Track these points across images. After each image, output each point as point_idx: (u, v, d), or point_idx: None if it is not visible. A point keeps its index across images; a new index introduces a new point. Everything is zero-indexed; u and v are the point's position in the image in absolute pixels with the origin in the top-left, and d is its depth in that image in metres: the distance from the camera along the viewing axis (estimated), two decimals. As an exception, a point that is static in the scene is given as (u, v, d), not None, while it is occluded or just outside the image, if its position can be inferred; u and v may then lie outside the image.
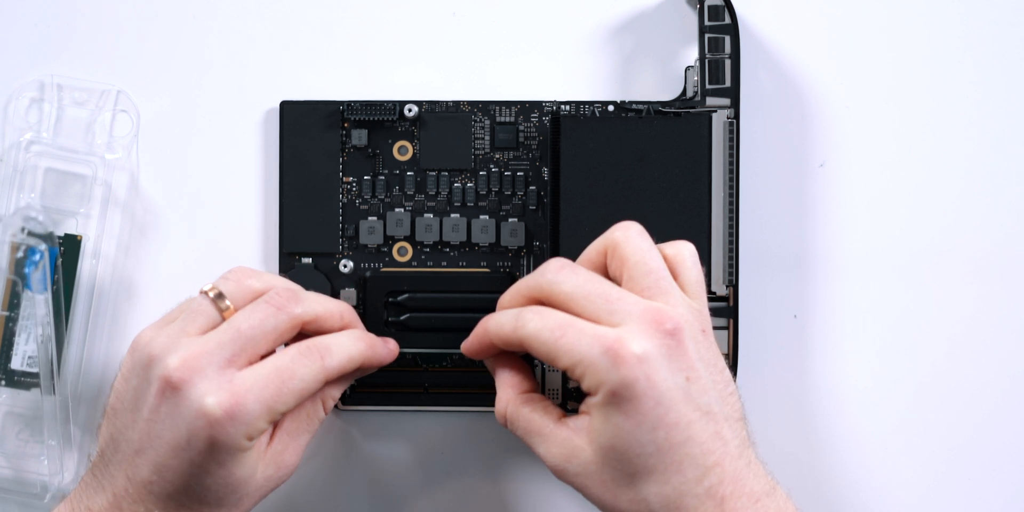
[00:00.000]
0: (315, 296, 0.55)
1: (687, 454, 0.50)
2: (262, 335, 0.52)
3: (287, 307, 0.53)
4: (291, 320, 0.53)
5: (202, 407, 0.50)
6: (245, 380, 0.51)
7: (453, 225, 0.61)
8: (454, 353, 0.60)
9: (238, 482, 0.52)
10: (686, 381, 0.50)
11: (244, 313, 0.53)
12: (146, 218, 0.63)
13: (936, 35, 0.62)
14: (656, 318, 0.50)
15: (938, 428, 0.62)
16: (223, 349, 0.51)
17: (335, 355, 0.53)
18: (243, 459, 0.52)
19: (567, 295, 0.52)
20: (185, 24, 0.63)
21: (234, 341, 0.52)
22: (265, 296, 0.53)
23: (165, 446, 0.51)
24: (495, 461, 0.63)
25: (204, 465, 0.51)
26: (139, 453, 0.51)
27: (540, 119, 0.62)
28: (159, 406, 0.51)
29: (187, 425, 0.50)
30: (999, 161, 0.62)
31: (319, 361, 0.53)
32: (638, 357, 0.50)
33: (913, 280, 0.62)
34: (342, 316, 0.55)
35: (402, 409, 0.62)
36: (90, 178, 0.62)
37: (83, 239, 0.62)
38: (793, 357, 0.62)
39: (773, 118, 0.62)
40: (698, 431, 0.50)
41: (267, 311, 0.53)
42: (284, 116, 0.62)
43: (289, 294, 0.54)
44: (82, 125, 0.62)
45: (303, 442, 0.55)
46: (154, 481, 0.51)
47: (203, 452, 0.50)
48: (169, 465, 0.51)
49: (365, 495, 0.63)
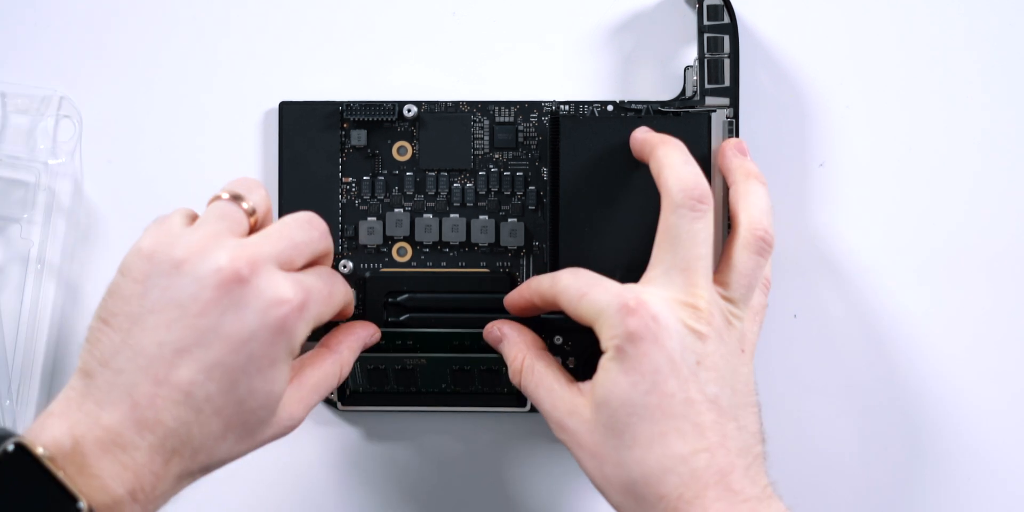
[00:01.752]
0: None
1: (677, 428, 0.50)
2: (309, 252, 0.52)
3: (327, 235, 0.53)
4: (327, 246, 0.53)
5: (278, 295, 0.48)
6: (307, 279, 0.51)
7: (452, 225, 0.61)
8: (453, 354, 0.60)
9: (275, 397, 0.49)
10: (696, 364, 0.50)
11: (293, 226, 0.52)
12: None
13: (936, 34, 0.62)
14: (691, 302, 0.52)
15: (939, 428, 0.62)
16: (280, 252, 0.50)
17: (346, 284, 0.54)
18: (286, 369, 0.50)
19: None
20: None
21: (290, 248, 0.51)
22: (305, 217, 0.52)
23: (224, 341, 0.48)
24: (495, 461, 0.63)
25: (259, 362, 0.48)
26: (182, 353, 0.48)
27: (539, 119, 0.62)
28: (219, 299, 0.48)
29: (258, 314, 0.48)
30: (1000, 160, 0.62)
31: (344, 286, 0.54)
32: (652, 315, 0.50)
33: (913, 280, 0.62)
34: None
35: (402, 409, 0.62)
36: (33, 184, 0.62)
37: (28, 245, 0.62)
38: (793, 357, 0.62)
39: (773, 118, 0.62)
40: (696, 412, 0.50)
41: (312, 233, 0.52)
42: (283, 117, 0.62)
43: (322, 222, 0.53)
44: (24, 131, 0.62)
45: (312, 405, 0.53)
46: (197, 382, 0.47)
47: (267, 344, 0.48)
48: (223, 362, 0.48)
49: (365, 495, 0.63)
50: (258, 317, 0.48)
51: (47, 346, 0.62)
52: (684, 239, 0.52)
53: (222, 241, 0.49)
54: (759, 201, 0.55)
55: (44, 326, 0.62)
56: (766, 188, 0.56)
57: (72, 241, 0.63)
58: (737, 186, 0.56)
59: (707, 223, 0.52)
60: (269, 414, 0.50)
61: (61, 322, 0.63)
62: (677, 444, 0.49)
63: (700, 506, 0.49)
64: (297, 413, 0.52)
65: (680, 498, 0.49)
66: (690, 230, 0.52)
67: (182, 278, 0.48)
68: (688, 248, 0.52)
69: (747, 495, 0.50)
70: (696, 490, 0.49)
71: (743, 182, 0.56)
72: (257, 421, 0.50)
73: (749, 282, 0.54)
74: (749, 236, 0.54)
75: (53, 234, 0.62)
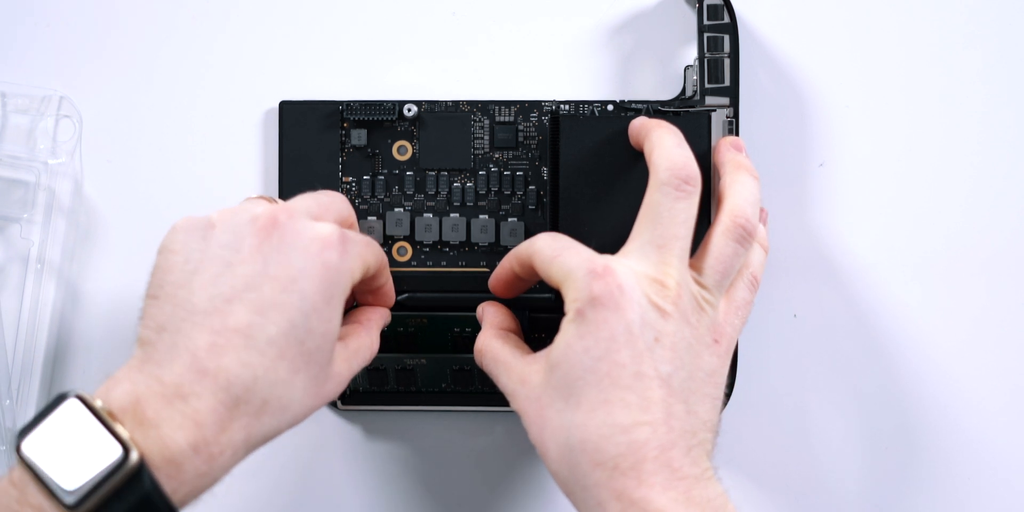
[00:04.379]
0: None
1: (622, 398, 0.49)
2: (336, 210, 0.53)
3: (348, 204, 0.55)
4: (351, 212, 0.55)
5: (318, 233, 0.49)
6: (341, 226, 0.52)
7: (452, 225, 0.61)
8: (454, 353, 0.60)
9: (332, 337, 0.49)
10: (654, 340, 0.50)
11: (315, 192, 0.53)
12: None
13: (936, 34, 0.62)
14: (659, 279, 0.51)
15: (939, 427, 0.62)
16: (308, 207, 0.51)
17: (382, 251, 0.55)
18: (340, 310, 0.50)
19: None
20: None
21: (316, 205, 0.52)
22: (326, 191, 0.55)
23: (272, 282, 0.48)
24: (495, 461, 0.63)
25: (313, 300, 0.48)
26: (234, 300, 0.47)
27: (539, 119, 0.62)
28: (260, 245, 0.48)
29: (302, 252, 0.49)
30: (999, 160, 0.62)
31: (378, 244, 0.54)
32: (618, 284, 0.50)
33: (913, 279, 0.62)
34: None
35: (402, 409, 0.62)
36: (33, 184, 0.62)
37: (28, 245, 0.62)
38: (793, 357, 0.62)
39: (772, 117, 0.62)
40: (644, 386, 0.49)
41: (335, 197, 0.54)
42: (283, 116, 0.62)
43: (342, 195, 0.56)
44: (24, 131, 0.62)
45: (356, 367, 0.53)
46: (255, 323, 0.47)
47: (316, 281, 0.48)
48: (277, 302, 0.48)
49: (365, 495, 0.63)
50: (302, 255, 0.49)
51: (47, 346, 0.62)
52: (664, 217, 0.52)
53: (251, 204, 0.51)
54: (744, 190, 0.55)
55: (44, 326, 0.62)
56: (756, 181, 0.56)
57: (72, 241, 0.63)
58: (726, 177, 0.56)
59: (690, 204, 0.52)
60: (328, 359, 0.49)
61: (61, 322, 0.63)
62: (620, 414, 0.49)
63: (635, 477, 0.48)
64: (344, 371, 0.51)
65: (616, 468, 0.48)
66: (672, 208, 0.52)
67: (220, 234, 0.49)
68: (667, 226, 0.52)
69: (685, 473, 0.48)
70: (633, 461, 0.48)
71: (733, 173, 0.56)
72: (318, 366, 0.49)
73: (725, 269, 0.53)
74: (729, 222, 0.53)
75: (53, 234, 0.62)
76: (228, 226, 0.49)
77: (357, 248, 0.51)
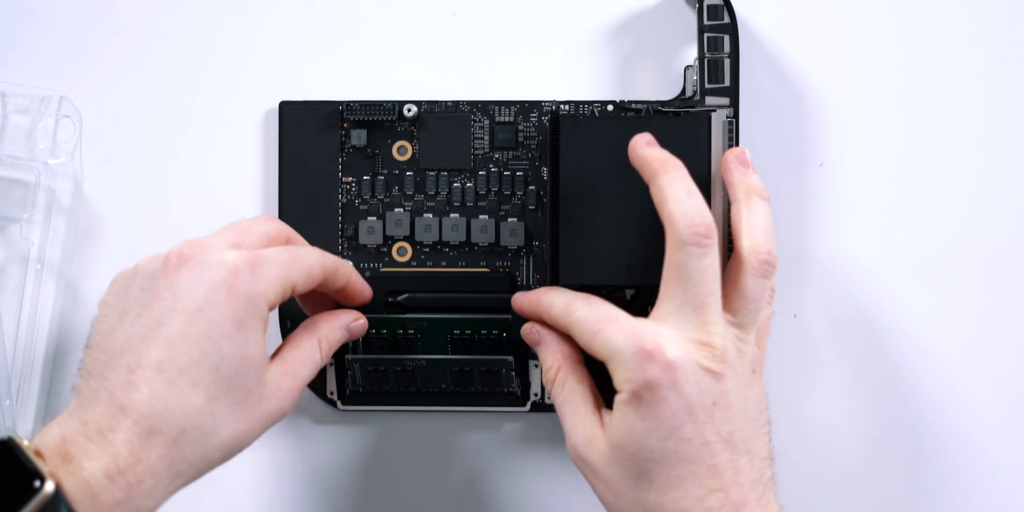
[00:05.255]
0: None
1: (693, 472, 0.50)
2: (260, 232, 0.53)
3: (278, 222, 0.55)
4: (279, 227, 0.54)
5: (222, 260, 0.50)
6: (258, 248, 0.52)
7: (452, 225, 0.61)
8: (454, 354, 0.60)
9: (252, 361, 0.49)
10: (712, 405, 0.51)
11: (242, 220, 0.54)
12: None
13: (936, 34, 0.62)
14: (705, 341, 0.52)
15: (940, 427, 0.62)
16: (225, 236, 0.52)
17: (327, 254, 0.55)
18: (258, 333, 0.50)
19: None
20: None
21: (235, 231, 0.53)
22: (259, 215, 0.56)
23: (179, 315, 0.49)
24: (495, 461, 0.63)
25: (222, 327, 0.49)
26: (147, 338, 0.49)
27: (539, 119, 0.62)
28: (170, 282, 0.50)
29: (206, 280, 0.49)
30: (999, 160, 0.62)
31: (319, 252, 0.54)
32: (669, 362, 0.50)
33: (913, 279, 0.62)
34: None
35: (402, 409, 0.62)
36: (33, 184, 0.62)
37: (28, 245, 0.62)
38: (793, 357, 0.62)
39: (772, 117, 0.62)
40: (711, 454, 0.51)
41: (259, 216, 0.55)
42: (283, 116, 0.62)
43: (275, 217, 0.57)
44: (24, 131, 0.62)
45: (301, 379, 0.53)
46: (165, 357, 0.48)
47: (223, 307, 0.49)
48: (184, 334, 0.48)
49: (365, 494, 0.63)
50: (205, 284, 0.49)
51: (47, 346, 0.62)
52: (694, 276, 0.52)
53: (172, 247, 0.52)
54: (760, 221, 0.55)
55: (44, 326, 0.62)
56: (768, 204, 0.56)
57: (72, 241, 0.63)
58: (738, 205, 0.56)
59: (714, 258, 0.52)
60: (254, 383, 0.50)
61: (61, 322, 0.63)
62: (693, 487, 0.50)
63: None
64: (285, 385, 0.52)
65: None
66: (698, 267, 0.52)
67: (138, 279, 0.51)
68: (699, 285, 0.52)
69: None
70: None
71: (744, 200, 0.56)
72: (242, 391, 0.49)
73: (756, 306, 0.54)
74: (754, 261, 0.54)
75: (53, 234, 0.62)
76: (145, 270, 0.51)
77: (272, 269, 0.51)
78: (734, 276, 0.54)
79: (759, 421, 0.53)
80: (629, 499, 0.51)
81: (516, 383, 0.60)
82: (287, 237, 0.55)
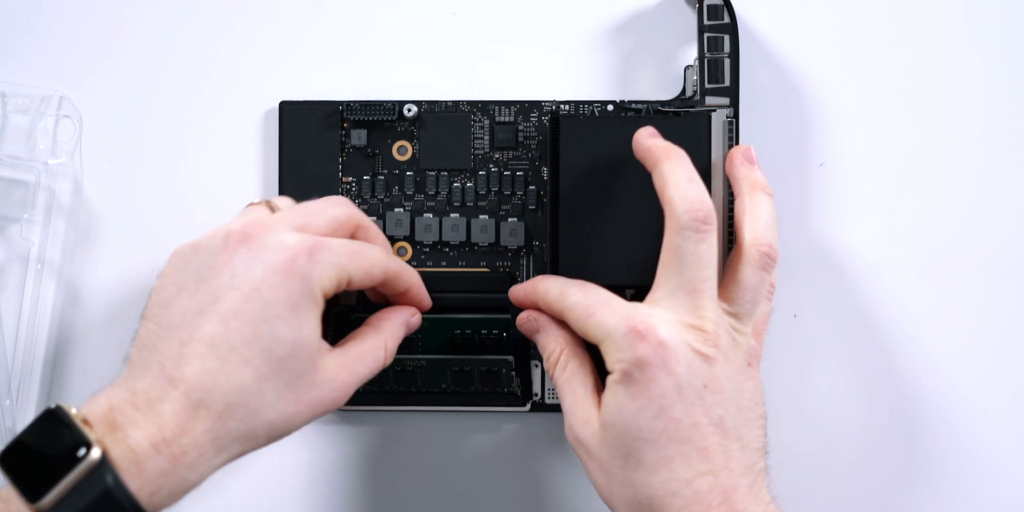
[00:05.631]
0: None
1: (682, 453, 0.50)
2: (328, 217, 0.52)
3: (352, 207, 0.54)
4: (349, 212, 0.54)
5: (283, 241, 0.50)
6: (324, 235, 0.51)
7: (453, 225, 0.61)
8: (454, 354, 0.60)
9: (305, 345, 0.50)
10: (703, 387, 0.51)
11: (313, 201, 0.54)
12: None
13: (936, 34, 0.62)
14: (697, 325, 0.52)
15: (939, 427, 0.62)
16: (292, 218, 0.52)
17: (393, 257, 0.55)
18: (312, 317, 0.50)
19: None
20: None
21: (303, 213, 0.52)
22: (332, 197, 0.55)
23: (236, 292, 0.49)
24: (495, 461, 0.63)
25: (277, 308, 0.49)
26: (202, 313, 0.49)
27: (539, 119, 0.62)
28: (229, 259, 0.50)
29: (265, 261, 0.49)
30: (999, 160, 0.62)
31: (384, 253, 0.54)
32: (660, 341, 0.51)
33: (913, 279, 0.62)
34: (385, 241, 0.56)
35: (402, 409, 0.62)
36: (33, 184, 0.62)
37: (28, 245, 0.62)
38: (793, 357, 0.62)
39: (773, 117, 0.62)
40: (700, 435, 0.51)
41: (331, 200, 0.54)
42: (284, 116, 0.62)
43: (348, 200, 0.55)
44: (24, 131, 0.62)
45: (359, 375, 0.53)
46: (218, 333, 0.48)
47: (279, 289, 0.49)
48: (238, 311, 0.49)
49: (365, 494, 0.63)
50: (264, 264, 0.49)
51: (47, 346, 0.62)
52: (689, 261, 0.52)
53: (238, 217, 0.52)
54: (763, 214, 0.55)
55: (44, 326, 0.62)
56: (772, 199, 0.56)
57: (72, 241, 0.63)
58: (743, 198, 0.56)
59: (711, 243, 0.52)
60: (306, 367, 0.50)
61: (61, 322, 0.63)
62: (682, 468, 0.50)
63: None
64: (341, 376, 0.51)
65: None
66: (695, 252, 0.52)
67: (200, 254, 0.51)
68: (694, 270, 0.52)
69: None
70: (700, 509, 0.50)
71: (748, 194, 0.56)
72: (293, 374, 0.49)
73: (754, 298, 0.54)
74: (754, 252, 0.54)
75: (53, 234, 0.62)
76: (207, 246, 0.51)
77: (332, 257, 0.51)
78: (734, 266, 0.54)
79: (754, 412, 0.53)
80: (619, 479, 0.51)
81: (516, 383, 0.60)
82: (357, 223, 0.54)
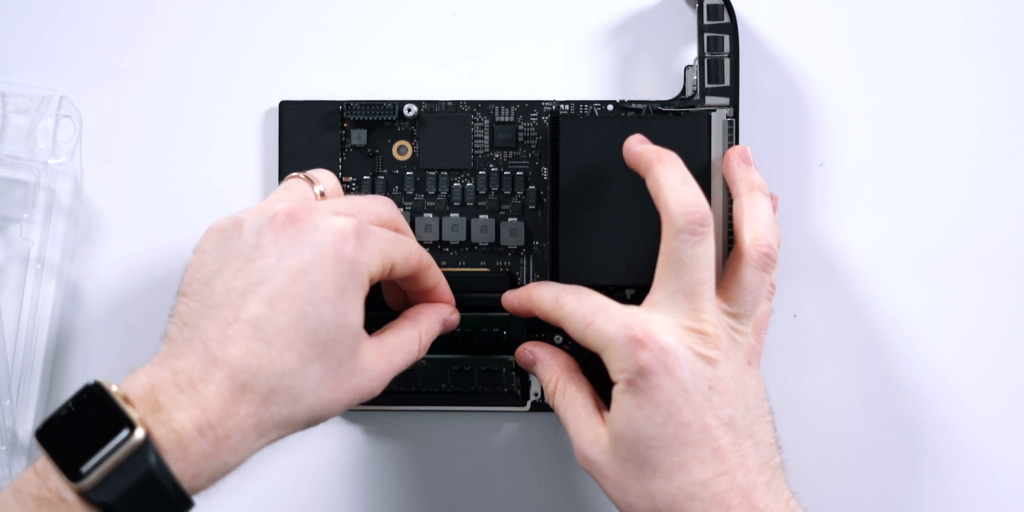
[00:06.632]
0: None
1: (695, 456, 0.50)
2: (372, 212, 0.52)
3: (395, 208, 0.54)
4: (392, 213, 0.54)
5: (332, 224, 0.49)
6: (369, 223, 0.51)
7: (452, 225, 0.61)
8: (454, 354, 0.60)
9: (349, 330, 0.49)
10: (709, 389, 0.51)
11: (358, 195, 0.54)
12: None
13: (936, 34, 0.62)
14: (697, 328, 0.52)
15: (939, 427, 0.62)
16: (337, 205, 0.51)
17: (426, 252, 0.55)
18: (358, 302, 0.50)
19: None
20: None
21: (348, 204, 0.52)
22: (375, 196, 0.54)
23: (283, 274, 0.48)
24: (495, 461, 0.63)
25: (324, 291, 0.48)
26: (247, 293, 0.48)
27: (539, 119, 0.62)
28: (276, 240, 0.49)
29: (314, 242, 0.49)
30: (999, 160, 0.62)
31: (418, 246, 0.54)
32: (661, 347, 0.51)
33: (913, 279, 0.62)
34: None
35: (402, 409, 0.62)
36: (33, 184, 0.62)
37: (28, 245, 0.62)
38: (793, 357, 0.62)
39: (772, 117, 0.62)
40: (712, 437, 0.51)
41: (376, 200, 0.54)
42: (283, 116, 0.62)
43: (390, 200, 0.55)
44: (24, 131, 0.62)
45: (395, 365, 0.52)
46: (264, 314, 0.48)
47: (327, 272, 0.48)
48: (285, 293, 0.48)
49: (365, 494, 0.63)
50: (313, 247, 0.49)
51: (47, 346, 0.62)
52: (687, 264, 0.52)
53: (282, 200, 0.51)
54: (762, 215, 0.55)
55: (44, 326, 0.62)
56: (769, 200, 0.56)
57: (72, 241, 0.63)
58: (740, 199, 0.56)
59: (708, 246, 0.52)
60: (348, 353, 0.49)
61: (61, 322, 0.63)
62: (697, 471, 0.50)
63: None
64: (379, 366, 0.51)
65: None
66: (692, 254, 0.52)
67: (244, 233, 0.50)
68: (692, 273, 0.52)
69: (771, 511, 0.51)
70: (720, 511, 0.50)
71: (746, 195, 0.56)
72: (336, 359, 0.49)
73: (754, 298, 0.54)
74: (754, 253, 0.54)
75: (53, 234, 0.62)
76: (251, 224, 0.50)
77: (377, 243, 0.51)
78: (734, 267, 0.54)
79: (760, 410, 0.53)
80: (636, 491, 0.51)
81: (516, 383, 0.60)
82: (397, 226, 0.54)
